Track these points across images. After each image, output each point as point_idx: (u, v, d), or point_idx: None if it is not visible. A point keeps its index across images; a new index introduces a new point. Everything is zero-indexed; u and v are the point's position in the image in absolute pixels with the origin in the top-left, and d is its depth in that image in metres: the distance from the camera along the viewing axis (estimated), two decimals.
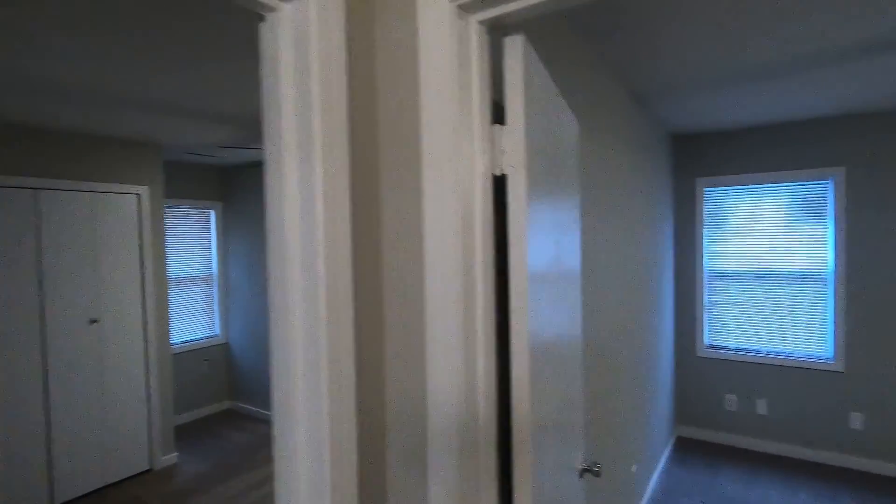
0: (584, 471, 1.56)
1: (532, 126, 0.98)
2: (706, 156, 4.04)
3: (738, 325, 3.97)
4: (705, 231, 4.07)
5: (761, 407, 3.86)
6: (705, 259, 4.08)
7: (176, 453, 3.90)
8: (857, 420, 3.55)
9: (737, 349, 3.98)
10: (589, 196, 2.11)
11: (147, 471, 3.71)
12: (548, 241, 1.14)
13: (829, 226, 3.64)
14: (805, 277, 3.73)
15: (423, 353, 0.87)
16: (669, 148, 4.02)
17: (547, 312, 1.15)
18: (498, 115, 0.97)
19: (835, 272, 3.61)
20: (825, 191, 3.65)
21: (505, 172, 0.94)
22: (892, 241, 3.43)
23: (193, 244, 4.86)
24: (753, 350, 3.92)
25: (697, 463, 3.70)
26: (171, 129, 3.29)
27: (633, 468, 2.79)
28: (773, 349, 3.85)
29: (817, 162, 3.64)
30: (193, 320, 4.85)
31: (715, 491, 3.29)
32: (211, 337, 4.97)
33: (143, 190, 3.65)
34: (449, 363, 0.84)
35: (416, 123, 0.88)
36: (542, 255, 1.08)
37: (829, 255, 3.64)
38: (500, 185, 0.97)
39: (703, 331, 4.08)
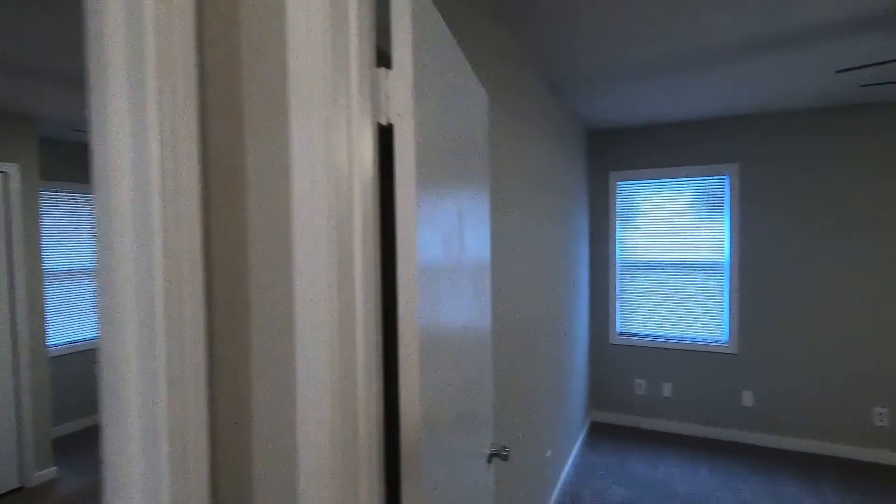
0: (493, 455, 1.52)
1: (425, 76, 0.90)
2: (619, 151, 4.20)
3: (647, 313, 4.17)
4: (618, 223, 4.24)
5: (667, 390, 4.08)
6: (618, 250, 4.24)
7: (54, 468, 3.45)
8: (748, 398, 3.85)
9: (646, 336, 4.18)
10: (507, 184, 2.08)
11: (17, 489, 3.25)
12: (449, 217, 1.06)
13: (726, 219, 3.91)
14: (706, 267, 3.98)
15: (291, 358, 0.74)
16: (585, 143, 4.13)
17: (450, 301, 1.07)
18: (386, 62, 0.87)
19: (730, 262, 3.88)
20: (722, 186, 3.92)
21: (391, 121, 0.84)
22: (778, 232, 3.74)
23: (82, 233, 4.34)
24: (660, 336, 4.13)
25: (609, 446, 3.83)
26: (42, 97, 2.88)
27: (548, 453, 2.82)
28: (677, 335, 4.08)
29: (715, 159, 3.90)
30: (80, 318, 4.33)
31: (624, 471, 3.42)
32: None
33: (11, 168, 3.18)
34: (319, 376, 0.73)
35: (282, 54, 0.76)
36: (442, 233, 1.00)
37: (726, 246, 3.91)
38: (390, 157, 0.87)
39: (615, 319, 4.24)
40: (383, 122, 0.85)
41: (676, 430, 4.06)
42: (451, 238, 1.09)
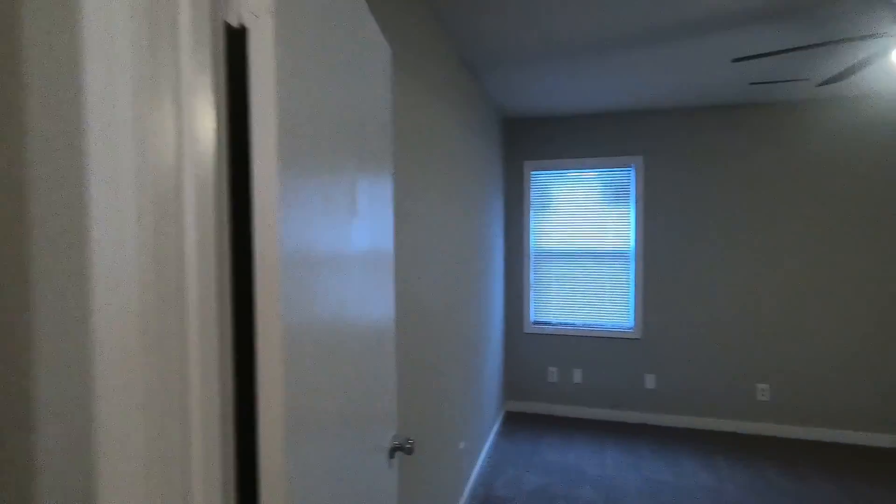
0: (395, 449, 1.37)
1: None
2: (533, 141, 4.22)
3: (559, 302, 4.23)
4: (532, 213, 4.26)
5: (577, 376, 4.17)
6: (532, 239, 4.26)
7: None
8: (650, 381, 4.02)
9: (558, 324, 4.23)
10: (419, 164, 1.92)
11: None
12: (336, 192, 0.88)
13: (632, 209, 4.05)
14: (614, 256, 4.11)
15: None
16: (501, 130, 4.10)
17: (336, 294, 0.90)
18: None
19: (635, 251, 4.03)
20: (629, 177, 4.06)
21: (244, 23, 0.65)
22: (676, 223, 3.94)
23: None
24: (572, 324, 4.21)
25: (523, 435, 3.83)
26: None
27: (462, 445, 2.72)
28: (587, 322, 4.18)
29: (622, 150, 4.03)
30: None
31: (537, 459, 3.42)
32: None
33: None
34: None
35: None
36: (321, 212, 0.81)
37: (632, 236, 4.06)
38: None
39: (529, 308, 4.26)
40: (234, 23, 0.65)
41: (587, 416, 4.15)
42: (336, 219, 0.91)
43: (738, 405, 3.85)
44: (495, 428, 3.80)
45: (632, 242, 4.06)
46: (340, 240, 0.93)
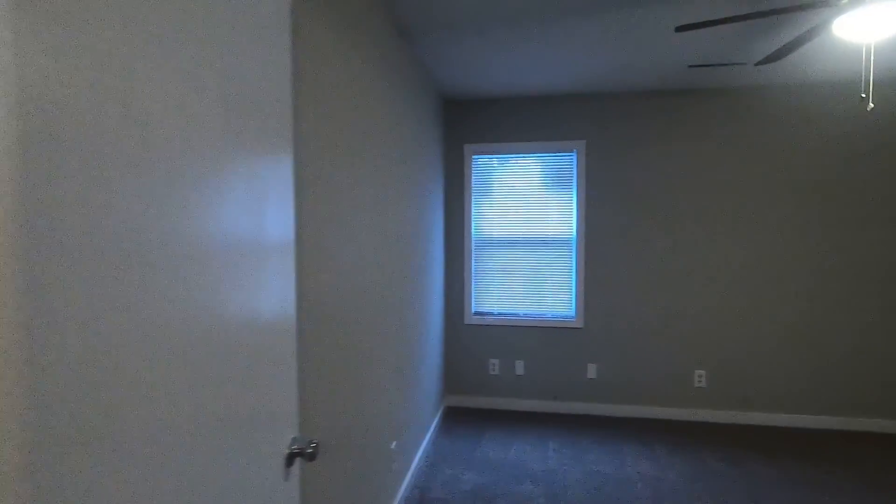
0: (294, 455, 1.12)
1: None
2: (475, 123, 4.03)
3: (501, 291, 4.07)
4: (474, 198, 4.07)
5: (519, 368, 4.03)
6: (473, 226, 4.08)
7: None
8: (592, 370, 3.95)
9: (500, 314, 4.08)
10: (341, 140, 1.65)
11: None
12: (190, 168, 0.62)
13: (574, 195, 3.95)
14: (557, 243, 4.00)
15: None
16: (441, 111, 3.88)
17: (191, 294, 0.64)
18: None
19: (577, 238, 3.94)
20: (571, 162, 3.96)
21: None
22: (617, 209, 3.88)
23: None
24: (514, 314, 4.06)
25: (464, 430, 3.64)
26: None
27: (393, 445, 2.48)
28: (529, 312, 4.05)
29: (565, 135, 3.92)
30: None
31: (477, 456, 3.23)
32: None
33: None
34: None
35: None
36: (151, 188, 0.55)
37: (574, 223, 3.96)
38: None
39: (470, 298, 4.08)
40: None
41: (529, 408, 4.03)
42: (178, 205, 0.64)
43: (676, 392, 3.85)
44: (434, 424, 3.58)
45: (574, 229, 3.96)
46: (180, 230, 0.68)
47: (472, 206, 4.07)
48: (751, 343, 3.75)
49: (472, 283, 4.08)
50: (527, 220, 4.02)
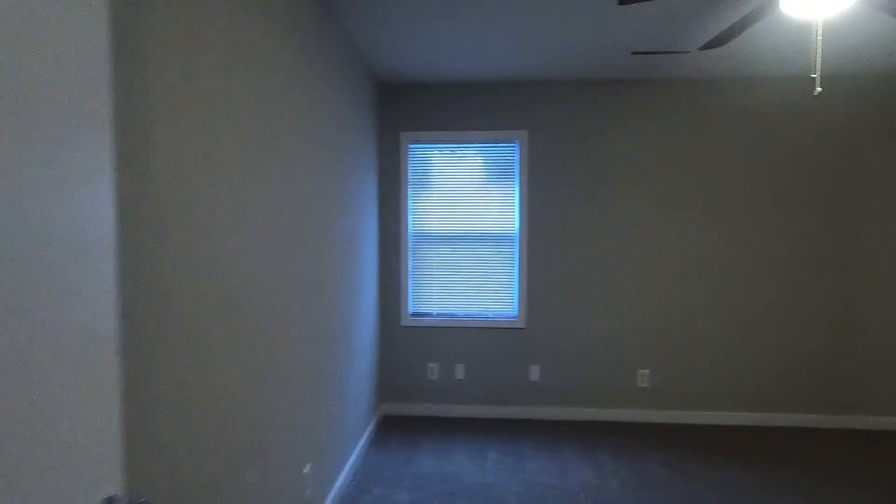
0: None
1: None
2: (411, 109, 3.75)
3: (440, 290, 3.82)
4: (410, 191, 3.79)
5: (459, 372, 3.79)
6: (410, 221, 3.80)
7: None
8: (535, 372, 3.77)
9: (438, 315, 3.82)
10: (244, 118, 1.32)
11: None
12: None
13: (517, 188, 3.75)
14: (499, 239, 3.79)
15: None
16: (374, 96, 3.57)
17: None
18: None
19: (519, 233, 3.74)
20: (513, 153, 3.75)
21: None
22: (561, 204, 3.71)
23: None
24: (454, 315, 3.82)
25: (398, 442, 3.36)
26: None
27: (307, 468, 2.16)
28: (470, 312, 3.82)
29: (506, 124, 3.71)
30: None
31: (412, 470, 2.97)
32: None
33: None
34: None
35: None
36: None
37: (516, 217, 3.76)
38: None
39: (407, 298, 3.80)
40: None
41: (470, 414, 3.80)
42: None
43: (620, 393, 3.73)
44: (366, 436, 3.28)
45: (517, 224, 3.76)
46: None
47: (409, 199, 3.78)
48: (694, 341, 3.68)
49: (409, 282, 3.81)
50: (468, 214, 3.78)
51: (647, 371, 3.71)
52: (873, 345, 3.57)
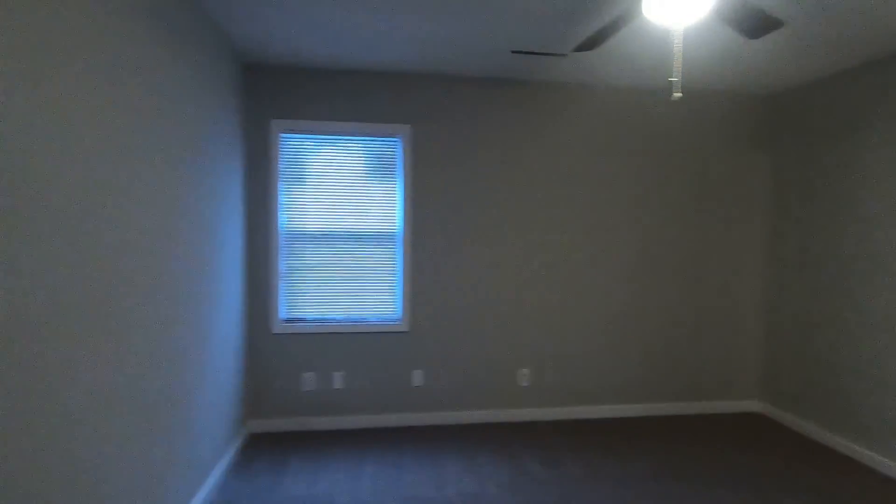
0: None
1: None
2: (284, 95, 3.41)
3: (317, 294, 3.53)
4: (282, 185, 3.45)
5: (338, 381, 3.54)
6: (282, 218, 3.46)
7: None
8: (418, 377, 3.63)
9: (314, 320, 3.53)
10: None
11: None
12: None
13: (399, 185, 3.58)
14: (380, 238, 3.59)
15: None
16: (239, 80, 3.18)
17: None
18: None
19: (403, 233, 3.58)
20: (396, 149, 3.57)
21: None
22: (447, 202, 3.61)
23: None
24: (332, 319, 3.55)
25: (264, 465, 3.03)
26: None
27: None
28: (350, 316, 3.58)
29: (389, 117, 3.52)
30: None
31: (277, 496, 2.66)
32: None
33: None
34: None
35: None
36: None
37: (399, 216, 3.59)
38: None
39: (278, 303, 3.46)
40: None
41: (349, 426, 3.56)
42: None
43: (501, 393, 3.73)
44: (226, 461, 2.91)
45: (400, 223, 3.59)
46: None
47: (281, 193, 3.44)
48: (572, 338, 3.79)
49: (281, 286, 3.47)
50: (347, 211, 3.53)
51: (528, 370, 3.75)
52: (720, 336, 3.94)
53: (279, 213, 3.43)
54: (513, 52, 3.01)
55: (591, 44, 2.28)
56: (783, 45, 2.89)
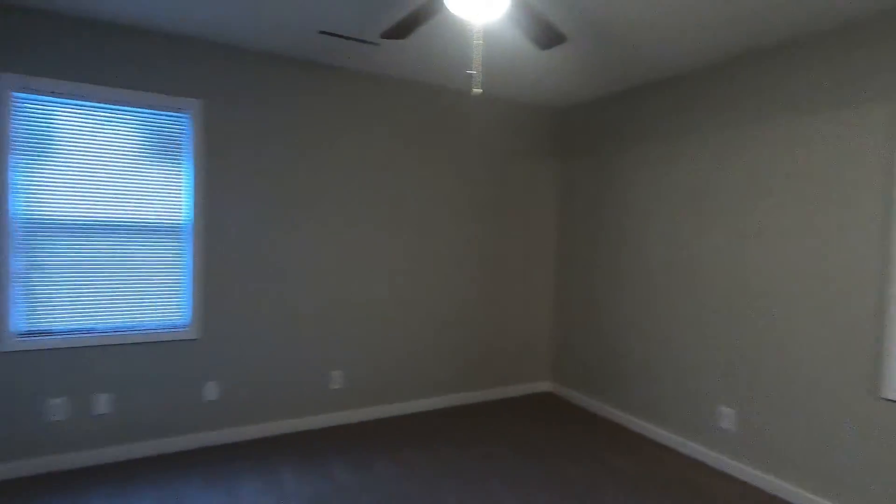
0: None
1: None
2: (24, 44, 2.64)
3: (73, 299, 2.82)
4: (17, 159, 2.67)
5: (101, 405, 2.88)
6: (17, 202, 2.68)
7: None
8: (212, 390, 3.17)
9: (68, 332, 2.82)
10: None
11: None
12: None
13: (188, 170, 3.07)
14: (163, 230, 3.03)
15: None
16: None
17: None
18: None
19: (193, 225, 3.08)
20: (183, 126, 3.06)
21: None
22: (249, 192, 3.22)
23: None
24: (92, 329, 2.88)
25: None
26: None
27: None
28: (119, 324, 2.94)
29: (174, 88, 2.99)
30: None
31: None
32: None
33: None
34: None
35: None
36: None
37: (188, 206, 3.08)
38: None
39: (11, 312, 2.67)
40: None
41: (119, 457, 2.93)
42: None
43: (312, 399, 3.48)
44: None
45: (190, 214, 3.08)
46: None
47: (13, 169, 2.66)
48: (388, 335, 3.72)
49: (15, 290, 2.68)
50: (117, 198, 2.90)
51: (341, 372, 3.57)
52: (520, 327, 4.31)
53: (10, 194, 2.64)
54: (320, 31, 2.80)
55: (398, 31, 2.21)
56: (572, 63, 3.24)
